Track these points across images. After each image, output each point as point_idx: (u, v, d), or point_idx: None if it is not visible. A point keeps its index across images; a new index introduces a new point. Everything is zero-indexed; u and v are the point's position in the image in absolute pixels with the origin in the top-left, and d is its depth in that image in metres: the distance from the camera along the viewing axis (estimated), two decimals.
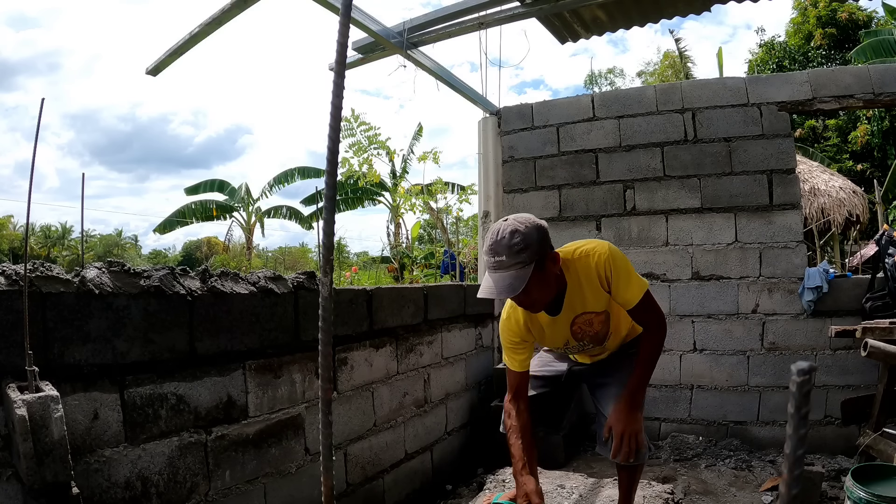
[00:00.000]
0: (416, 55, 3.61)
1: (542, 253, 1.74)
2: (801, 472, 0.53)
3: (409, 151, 14.92)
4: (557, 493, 2.61)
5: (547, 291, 1.82)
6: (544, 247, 1.75)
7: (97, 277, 1.60)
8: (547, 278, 1.78)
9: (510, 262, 1.69)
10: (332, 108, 0.92)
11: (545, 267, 1.75)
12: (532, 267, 1.70)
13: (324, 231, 0.93)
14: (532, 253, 1.70)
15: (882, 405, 2.89)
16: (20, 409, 1.25)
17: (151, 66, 3.10)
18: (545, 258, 1.75)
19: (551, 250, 1.79)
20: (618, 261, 1.89)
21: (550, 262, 1.78)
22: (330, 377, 0.96)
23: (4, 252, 23.19)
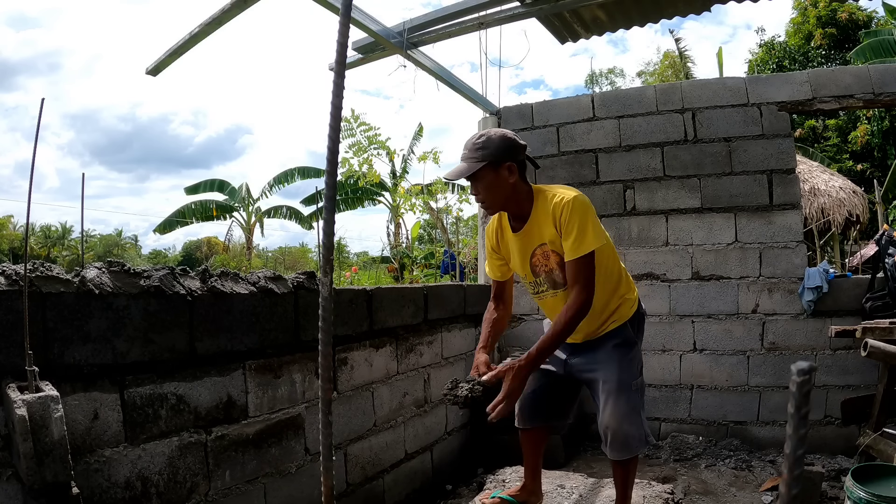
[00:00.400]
0: (416, 55, 3.61)
1: (499, 158, 1.94)
2: (801, 472, 0.53)
3: (410, 151, 14.92)
4: (557, 493, 2.61)
5: (495, 194, 2.00)
6: (503, 154, 1.94)
7: (97, 277, 1.60)
8: (498, 182, 1.97)
9: (469, 155, 1.96)
10: (332, 108, 0.92)
11: (499, 172, 1.95)
12: (482, 164, 1.93)
13: (324, 231, 0.93)
14: (487, 154, 1.93)
15: (882, 405, 2.90)
16: (20, 409, 1.25)
17: (151, 66, 3.10)
18: (500, 165, 1.95)
19: (513, 163, 1.97)
20: (576, 211, 1.94)
21: (506, 170, 1.96)
22: (330, 377, 0.96)
23: (4, 252, 23.20)
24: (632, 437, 2.07)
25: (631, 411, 2.06)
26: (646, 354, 3.98)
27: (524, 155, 2.03)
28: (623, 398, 2.06)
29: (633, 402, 2.08)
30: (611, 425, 2.07)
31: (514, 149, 1.98)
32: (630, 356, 2.14)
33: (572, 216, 1.93)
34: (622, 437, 2.06)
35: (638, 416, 2.10)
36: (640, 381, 2.17)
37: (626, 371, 2.10)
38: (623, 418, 2.05)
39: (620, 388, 2.07)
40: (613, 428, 2.06)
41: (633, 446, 2.08)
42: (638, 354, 2.19)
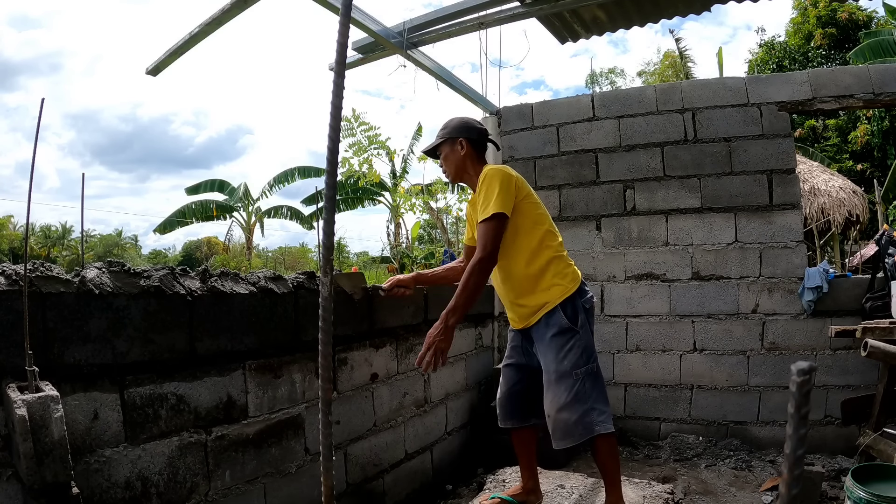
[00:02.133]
0: (416, 55, 3.61)
1: (454, 135, 2.38)
2: (801, 472, 0.53)
3: (409, 151, 14.92)
4: (557, 492, 2.61)
5: (450, 165, 2.41)
6: (459, 132, 2.38)
7: (97, 277, 1.60)
8: (453, 156, 2.38)
9: (437, 133, 2.45)
10: (332, 108, 0.92)
11: (454, 146, 2.38)
12: (442, 141, 2.39)
13: (324, 231, 0.93)
14: (446, 132, 2.40)
15: (882, 405, 2.89)
16: (20, 409, 1.25)
17: (151, 66, 3.10)
18: (455, 140, 2.38)
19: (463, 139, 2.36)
20: (486, 180, 2.20)
21: (458, 145, 2.37)
22: (330, 377, 0.96)
23: (4, 252, 23.19)
24: (570, 423, 2.10)
25: (571, 399, 2.10)
26: (646, 354, 4.02)
27: (481, 137, 2.41)
28: (561, 387, 2.11)
29: (575, 389, 2.11)
30: (548, 413, 2.14)
31: (467, 128, 2.39)
32: (568, 345, 2.16)
33: (482, 184, 2.21)
34: (560, 425, 2.11)
35: (581, 403, 2.11)
36: (585, 368, 2.16)
37: (565, 360, 2.14)
38: (560, 406, 2.10)
39: (559, 377, 2.12)
40: (551, 416, 2.13)
41: (576, 433, 2.10)
42: (580, 342, 2.18)
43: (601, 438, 2.15)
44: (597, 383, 2.19)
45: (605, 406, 2.19)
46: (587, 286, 2.35)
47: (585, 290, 2.30)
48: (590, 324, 2.27)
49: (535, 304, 2.24)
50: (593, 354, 2.23)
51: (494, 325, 4.18)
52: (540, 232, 2.27)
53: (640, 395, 3.97)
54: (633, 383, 4.01)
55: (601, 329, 3.99)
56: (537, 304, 2.24)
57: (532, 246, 2.23)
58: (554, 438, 2.15)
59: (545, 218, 2.33)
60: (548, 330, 2.20)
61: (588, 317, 2.26)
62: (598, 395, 2.17)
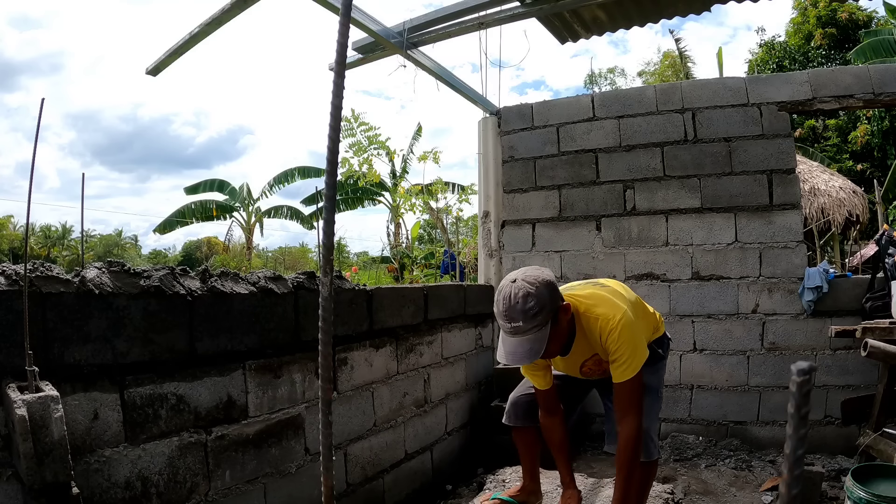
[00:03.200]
0: (416, 55, 3.61)
1: (555, 309, 1.79)
2: (801, 472, 0.53)
3: (409, 151, 14.92)
4: (557, 492, 2.61)
5: (561, 341, 1.89)
6: (556, 303, 1.80)
7: (97, 277, 1.60)
8: (560, 331, 1.85)
9: (527, 326, 1.73)
10: (332, 108, 0.91)
11: (558, 321, 1.82)
12: (549, 327, 1.76)
13: (324, 231, 0.93)
14: (547, 314, 1.75)
15: (882, 405, 2.89)
16: (20, 409, 1.25)
17: (151, 66, 3.10)
18: (558, 313, 1.81)
19: (562, 302, 1.84)
20: (623, 337, 1.86)
21: (563, 314, 1.83)
22: (330, 377, 0.96)
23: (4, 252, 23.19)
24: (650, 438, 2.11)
25: (656, 414, 2.16)
26: None
27: None
28: (650, 399, 2.11)
29: (658, 407, 2.19)
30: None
31: (556, 289, 1.83)
32: (657, 366, 2.21)
33: (620, 341, 1.86)
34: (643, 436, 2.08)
35: (655, 422, 2.18)
36: (659, 392, 2.25)
37: (654, 377, 2.17)
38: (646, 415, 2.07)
39: (648, 390, 2.09)
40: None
41: (649, 449, 2.11)
42: (664, 368, 2.28)
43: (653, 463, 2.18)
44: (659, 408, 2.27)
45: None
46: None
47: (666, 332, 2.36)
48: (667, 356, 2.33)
49: None
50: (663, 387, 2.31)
51: (494, 325, 4.17)
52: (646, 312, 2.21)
53: None
54: None
55: None
56: None
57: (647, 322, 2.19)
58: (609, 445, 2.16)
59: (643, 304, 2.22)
60: None
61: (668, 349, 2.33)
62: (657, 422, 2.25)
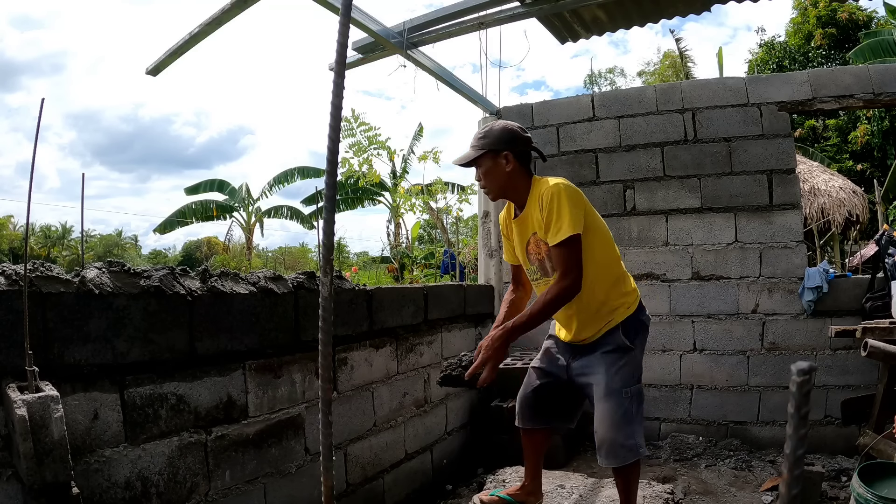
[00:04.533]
0: (416, 55, 3.61)
1: (498, 147, 2.07)
2: (801, 472, 0.53)
3: (410, 151, 14.92)
4: (557, 493, 2.61)
5: (493, 181, 2.12)
6: (502, 144, 2.08)
7: (97, 277, 1.60)
8: (496, 170, 2.09)
9: (472, 144, 2.13)
10: (332, 108, 0.92)
11: (497, 160, 2.08)
12: (482, 153, 2.08)
13: (324, 231, 0.93)
14: (487, 143, 2.08)
15: (882, 405, 2.89)
16: (20, 409, 1.25)
17: (151, 66, 3.10)
18: (499, 153, 2.08)
19: (510, 152, 2.08)
20: (556, 197, 1.98)
21: (503, 159, 2.08)
22: (330, 377, 0.96)
23: (4, 252, 23.19)
24: (619, 445, 2.03)
25: (621, 419, 2.03)
26: (646, 354, 3.98)
27: (527, 146, 2.13)
28: (612, 404, 2.04)
29: (624, 409, 2.04)
30: (598, 431, 2.07)
31: (513, 139, 2.09)
32: (622, 362, 2.09)
33: (552, 202, 1.98)
34: (609, 445, 2.04)
35: (629, 424, 2.04)
36: (635, 388, 2.10)
37: (617, 377, 2.06)
38: (611, 426, 2.03)
39: (609, 394, 2.05)
40: (601, 435, 2.06)
41: (620, 455, 2.04)
42: (633, 361, 2.12)
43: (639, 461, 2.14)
44: (641, 403, 2.15)
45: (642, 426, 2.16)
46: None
47: (643, 307, 2.23)
48: (644, 342, 2.22)
49: (601, 322, 2.13)
50: (641, 373, 2.17)
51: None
52: (608, 248, 2.14)
53: None
54: None
55: None
56: (603, 322, 2.13)
57: (602, 264, 2.10)
58: (601, 456, 2.09)
59: (607, 231, 2.17)
60: (601, 346, 2.12)
61: (645, 334, 2.21)
62: (641, 416, 2.13)
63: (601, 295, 2.12)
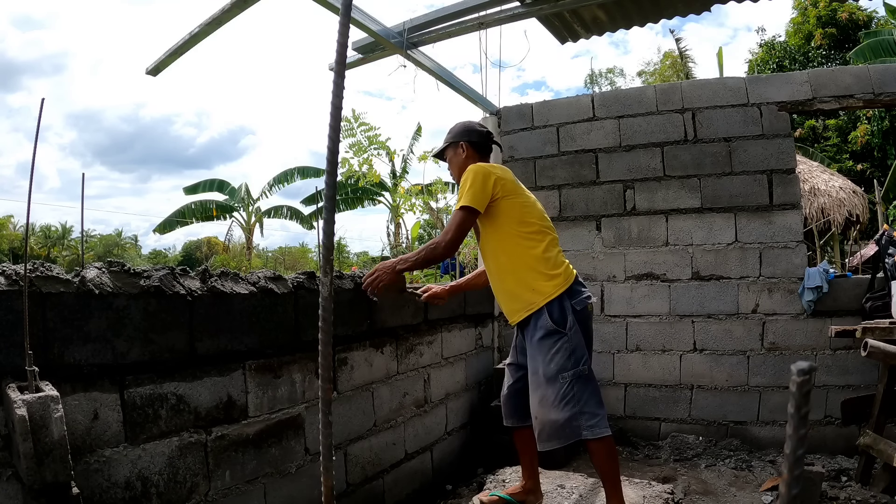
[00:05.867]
0: (416, 55, 3.61)
1: (456, 139, 2.54)
2: (801, 472, 0.53)
3: (410, 151, 14.93)
4: (557, 493, 2.61)
5: (454, 169, 2.55)
6: (459, 136, 2.53)
7: (97, 277, 1.60)
8: (456, 159, 2.54)
9: (445, 138, 2.61)
10: (332, 108, 0.92)
11: (457, 149, 2.54)
12: (448, 146, 2.57)
13: (324, 231, 0.93)
14: (449, 137, 2.58)
15: (882, 405, 2.89)
16: (20, 409, 1.25)
17: (151, 66, 3.10)
18: (458, 144, 2.53)
19: (466, 143, 2.51)
20: (469, 173, 2.28)
21: (460, 148, 2.53)
22: (330, 377, 0.96)
23: (4, 252, 23.20)
24: (557, 425, 2.10)
25: (557, 401, 2.10)
26: (646, 354, 4.01)
27: (483, 139, 2.54)
28: (546, 389, 2.12)
29: (562, 392, 2.11)
30: (534, 414, 2.15)
31: (468, 132, 2.53)
32: (555, 348, 2.14)
33: (465, 176, 2.30)
34: (546, 427, 2.12)
35: (568, 406, 2.10)
36: (573, 372, 2.13)
37: (551, 363, 2.13)
38: (545, 408, 2.11)
39: (545, 380, 2.13)
40: (537, 417, 2.14)
41: (559, 435, 2.11)
42: (568, 344, 2.15)
43: (596, 442, 2.14)
44: (587, 386, 2.16)
45: (598, 409, 2.16)
46: (584, 287, 2.31)
47: (579, 291, 2.26)
48: (582, 325, 2.22)
49: (522, 302, 2.27)
50: (583, 357, 2.18)
51: (494, 324, 4.18)
52: (525, 230, 2.28)
53: (640, 395, 3.97)
54: (633, 383, 4.01)
55: (601, 329, 3.99)
56: (524, 303, 2.26)
57: (515, 244, 2.28)
58: (539, 440, 2.16)
59: (535, 216, 2.33)
60: (536, 332, 2.21)
61: (579, 318, 2.21)
62: (588, 399, 2.14)
63: (513, 273, 2.29)
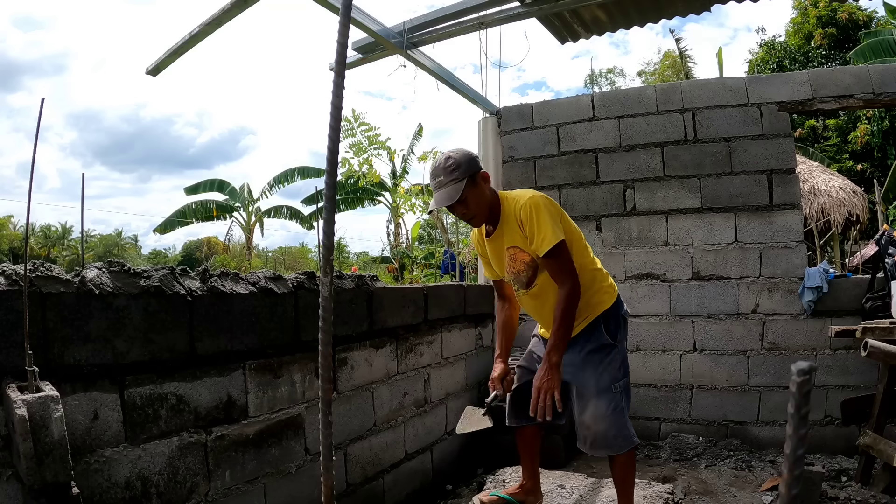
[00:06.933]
0: (416, 55, 3.61)
1: (473, 172, 2.08)
2: (801, 472, 0.53)
3: (410, 151, 14.93)
4: (557, 493, 2.61)
5: (481, 205, 2.13)
6: (473, 167, 2.09)
7: (97, 277, 1.60)
8: (480, 193, 2.11)
9: (445, 180, 2.05)
10: (332, 108, 0.92)
11: (477, 183, 2.09)
12: (465, 182, 2.04)
13: (324, 231, 0.93)
14: (463, 171, 2.05)
15: (882, 405, 2.89)
16: (20, 409, 1.25)
17: (151, 66, 3.10)
18: (476, 176, 2.09)
19: (482, 171, 2.12)
20: (534, 210, 2.04)
21: (482, 179, 2.12)
22: (330, 377, 0.96)
23: (4, 252, 23.20)
24: (614, 436, 2.11)
25: (612, 412, 2.10)
26: (646, 354, 4.01)
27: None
28: (603, 401, 2.10)
29: (615, 403, 2.12)
30: (591, 426, 2.12)
31: (473, 160, 2.11)
32: (607, 360, 2.15)
33: (531, 216, 2.04)
34: (600, 437, 2.11)
35: (621, 416, 2.12)
36: (622, 382, 2.17)
37: (605, 375, 2.13)
38: (603, 419, 2.10)
39: (599, 393, 2.11)
40: (594, 429, 2.12)
41: (616, 445, 2.11)
42: (618, 356, 2.18)
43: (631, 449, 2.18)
44: (629, 394, 2.22)
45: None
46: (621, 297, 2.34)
47: (622, 301, 2.29)
48: (626, 336, 2.28)
49: (579, 319, 2.17)
50: (628, 366, 2.24)
51: (494, 324, 4.17)
52: (580, 249, 2.21)
53: (640, 395, 3.97)
54: (633, 383, 3.94)
55: None
56: (581, 318, 2.17)
57: (579, 264, 2.14)
58: (592, 448, 2.14)
59: (579, 231, 2.26)
60: (586, 345, 2.17)
61: (626, 328, 2.27)
62: (629, 407, 2.21)
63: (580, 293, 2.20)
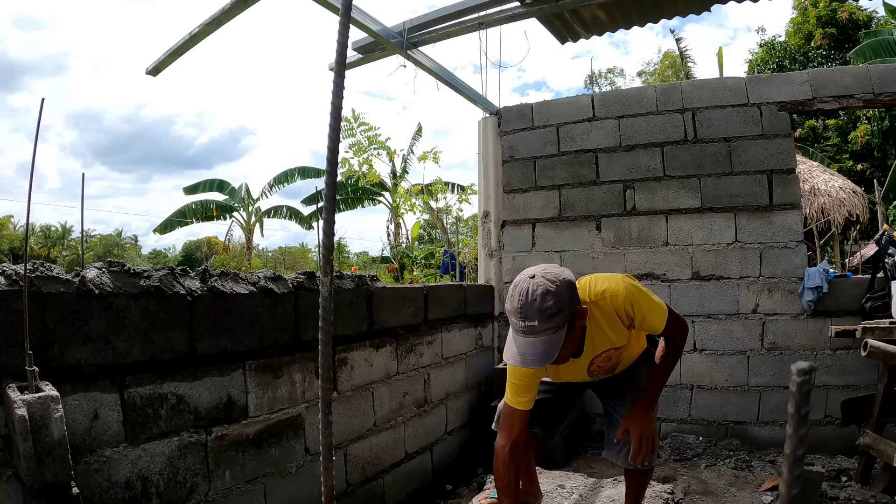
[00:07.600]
0: (416, 55, 3.60)
1: (574, 312, 1.66)
2: (801, 472, 0.53)
3: (410, 151, 14.94)
4: (557, 493, 2.61)
5: (574, 346, 1.76)
6: (575, 305, 1.66)
7: (97, 277, 1.60)
8: (575, 335, 1.72)
9: (542, 327, 1.60)
10: (332, 108, 0.92)
11: (574, 326, 1.68)
12: (564, 330, 1.63)
13: (324, 231, 0.93)
14: (565, 315, 1.62)
15: (882, 405, 2.89)
16: (20, 409, 1.25)
17: (151, 66, 3.10)
18: (575, 316, 1.67)
19: (580, 305, 1.70)
20: (636, 295, 1.84)
21: (579, 318, 1.70)
22: (330, 377, 0.96)
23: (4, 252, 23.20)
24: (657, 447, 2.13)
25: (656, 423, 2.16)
26: None
27: None
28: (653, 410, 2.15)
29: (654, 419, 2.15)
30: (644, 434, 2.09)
31: (576, 290, 1.70)
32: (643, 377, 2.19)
33: (637, 303, 1.83)
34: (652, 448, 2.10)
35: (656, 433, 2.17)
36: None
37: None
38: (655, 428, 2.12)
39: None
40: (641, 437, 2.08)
41: (652, 458, 2.12)
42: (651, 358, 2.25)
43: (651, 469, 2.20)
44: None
45: None
46: None
47: None
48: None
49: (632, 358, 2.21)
50: None
51: (494, 324, 4.18)
52: None
53: None
54: None
55: None
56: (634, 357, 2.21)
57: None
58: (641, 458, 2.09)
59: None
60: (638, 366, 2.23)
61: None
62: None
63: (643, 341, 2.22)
